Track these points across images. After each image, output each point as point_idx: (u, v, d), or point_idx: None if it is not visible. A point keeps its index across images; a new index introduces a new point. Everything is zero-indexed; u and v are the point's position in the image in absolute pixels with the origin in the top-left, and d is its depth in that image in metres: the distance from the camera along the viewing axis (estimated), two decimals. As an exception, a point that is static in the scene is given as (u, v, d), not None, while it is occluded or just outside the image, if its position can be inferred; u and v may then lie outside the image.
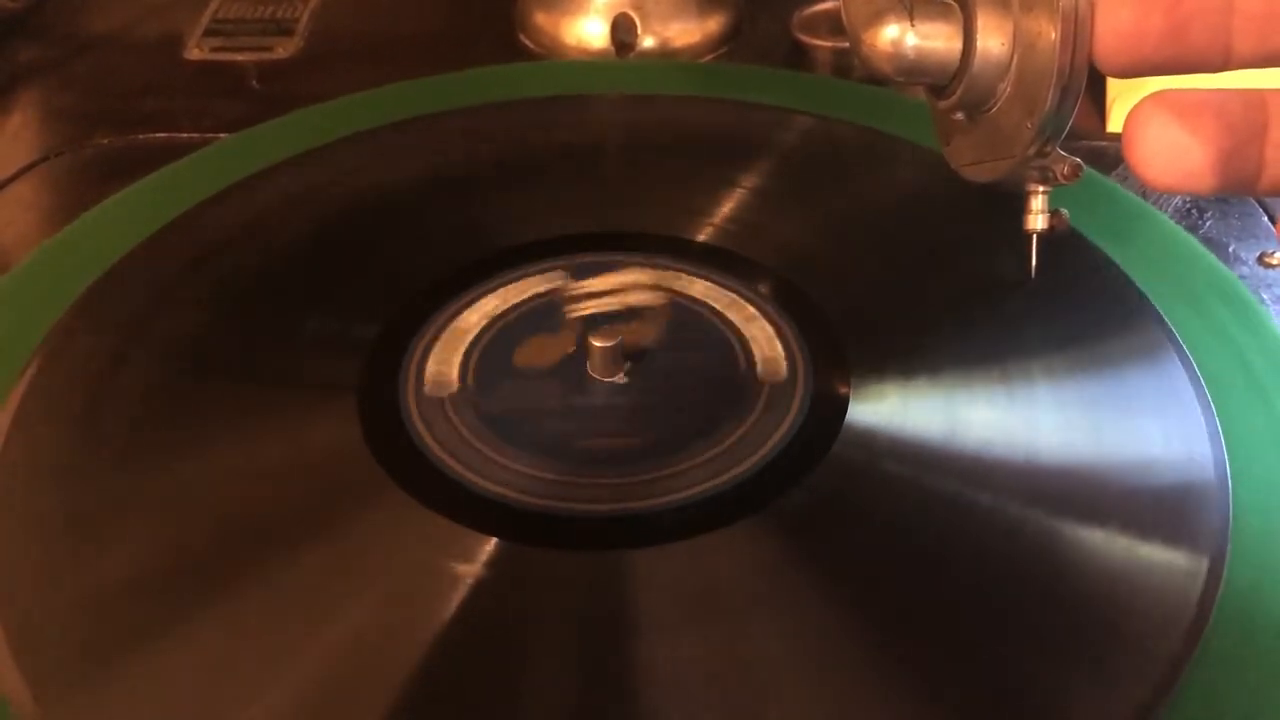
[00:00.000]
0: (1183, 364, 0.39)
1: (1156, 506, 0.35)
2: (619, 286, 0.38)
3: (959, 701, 0.30)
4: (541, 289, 0.43)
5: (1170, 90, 0.26)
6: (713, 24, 0.64)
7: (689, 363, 0.40)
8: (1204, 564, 0.33)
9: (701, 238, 0.46)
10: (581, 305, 0.39)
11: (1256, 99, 0.26)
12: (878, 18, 0.30)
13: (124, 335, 0.41)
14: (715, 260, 0.44)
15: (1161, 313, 0.41)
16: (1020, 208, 0.37)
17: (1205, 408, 0.38)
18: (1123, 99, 0.55)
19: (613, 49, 0.63)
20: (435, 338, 0.41)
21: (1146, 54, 0.25)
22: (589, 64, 0.63)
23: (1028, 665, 0.31)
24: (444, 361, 0.40)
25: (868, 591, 0.33)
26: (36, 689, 0.30)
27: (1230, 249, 0.49)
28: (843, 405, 0.38)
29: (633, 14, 0.62)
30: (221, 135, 0.56)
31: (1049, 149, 0.30)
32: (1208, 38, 0.25)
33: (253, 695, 0.30)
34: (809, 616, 0.32)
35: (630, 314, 0.41)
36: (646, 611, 0.32)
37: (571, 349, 0.40)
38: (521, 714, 0.30)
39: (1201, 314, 0.42)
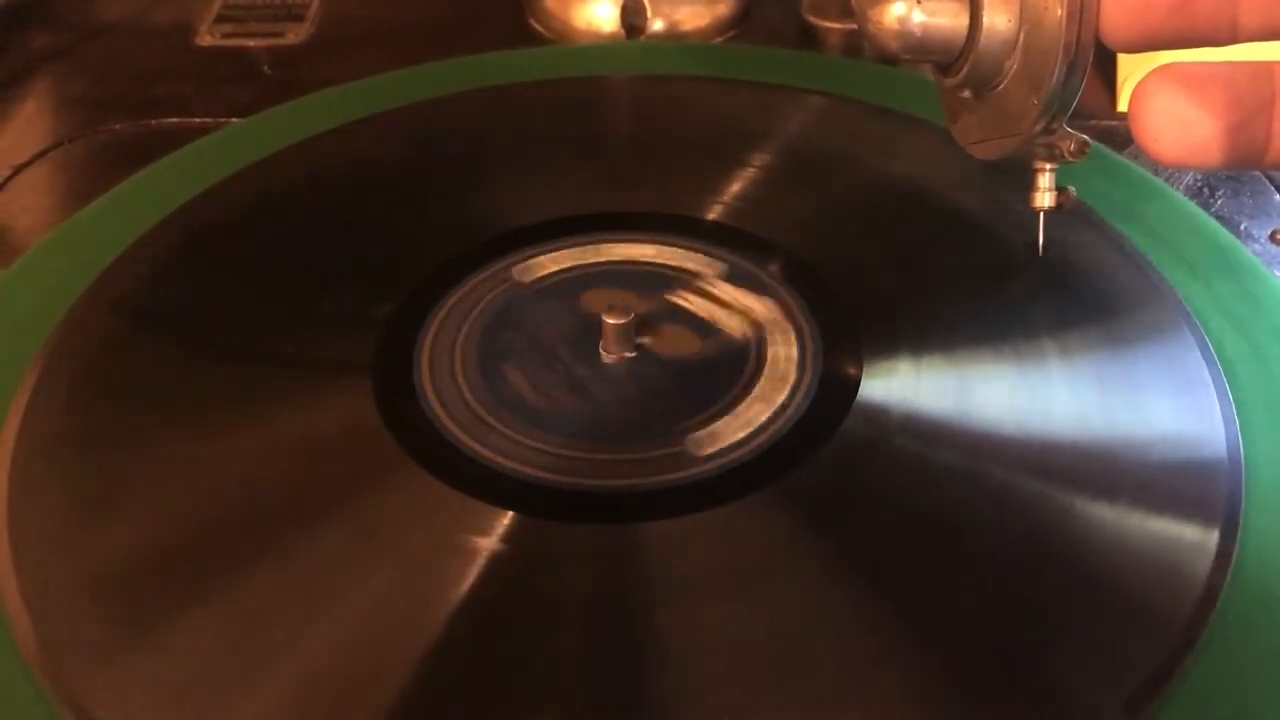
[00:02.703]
0: (1196, 339, 0.39)
1: (1169, 482, 0.35)
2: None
3: (969, 674, 0.30)
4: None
5: (1177, 63, 0.26)
6: (722, 7, 0.64)
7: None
8: (1216, 539, 0.33)
9: (712, 216, 0.46)
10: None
11: (1264, 71, 0.26)
12: (885, -5, 0.30)
13: (140, 317, 0.42)
14: (726, 238, 0.44)
15: (1175, 288, 0.41)
16: (1028, 185, 0.37)
17: (1218, 383, 0.38)
18: (1133, 78, 0.55)
19: (623, 33, 0.63)
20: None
21: (1153, 28, 0.25)
22: (599, 47, 0.63)
23: (1038, 638, 0.31)
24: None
25: (878, 567, 0.33)
26: (59, 663, 0.31)
27: (1242, 226, 0.49)
28: (854, 382, 0.38)
29: (643, -3, 0.62)
30: (233, 120, 0.56)
31: (1056, 125, 0.30)
32: (1213, 11, 0.25)
33: (273, 669, 0.30)
34: (820, 591, 0.32)
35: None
36: (660, 585, 0.33)
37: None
38: (538, 687, 0.30)
39: (1214, 290, 0.42)
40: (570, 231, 0.45)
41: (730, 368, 0.39)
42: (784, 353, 0.40)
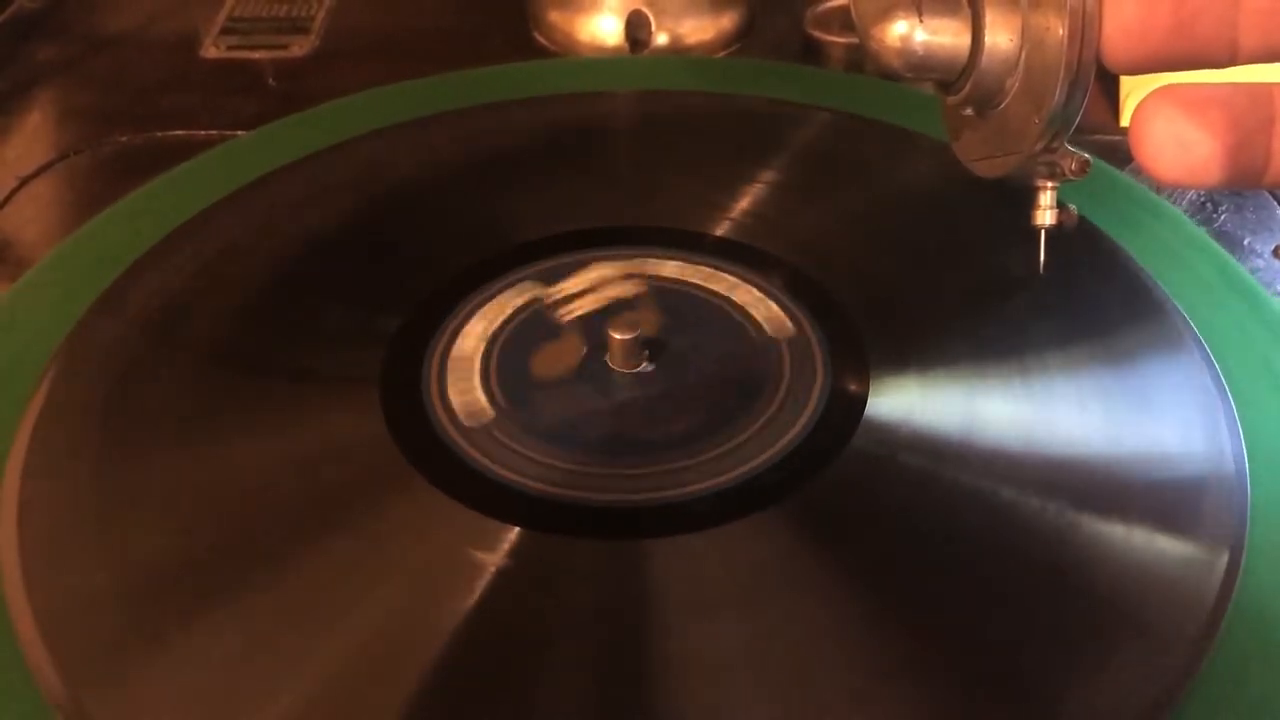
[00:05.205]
0: (1200, 356, 0.39)
1: (1175, 499, 0.35)
2: (595, 284, 0.38)
3: (975, 692, 0.30)
4: (560, 282, 0.44)
5: (1176, 84, 0.26)
6: (726, 20, 0.65)
7: (707, 355, 0.41)
8: (1223, 556, 0.33)
9: (718, 232, 0.46)
10: (570, 308, 0.39)
11: (1263, 93, 0.26)
12: (886, 14, 0.30)
13: (147, 330, 0.42)
14: (732, 254, 0.45)
15: (1178, 305, 0.41)
16: (1030, 203, 0.38)
17: (1223, 399, 0.38)
18: (1135, 95, 0.55)
19: (627, 46, 0.63)
20: (455, 331, 0.41)
21: (1153, 49, 0.26)
22: (603, 61, 0.63)
23: (1045, 656, 0.31)
24: (466, 355, 0.41)
25: (885, 584, 0.33)
26: (68, 677, 0.31)
27: (1245, 242, 0.49)
28: (861, 399, 0.38)
29: (646, 11, 0.63)
30: (239, 132, 0.56)
31: (1057, 144, 0.31)
32: (1213, 33, 0.25)
33: (280, 682, 0.30)
34: (826, 608, 0.32)
35: (620, 306, 0.42)
36: (666, 601, 0.33)
37: (584, 350, 0.40)
38: (543, 701, 0.30)
39: (1216, 307, 0.42)
40: (576, 246, 0.45)
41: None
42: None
